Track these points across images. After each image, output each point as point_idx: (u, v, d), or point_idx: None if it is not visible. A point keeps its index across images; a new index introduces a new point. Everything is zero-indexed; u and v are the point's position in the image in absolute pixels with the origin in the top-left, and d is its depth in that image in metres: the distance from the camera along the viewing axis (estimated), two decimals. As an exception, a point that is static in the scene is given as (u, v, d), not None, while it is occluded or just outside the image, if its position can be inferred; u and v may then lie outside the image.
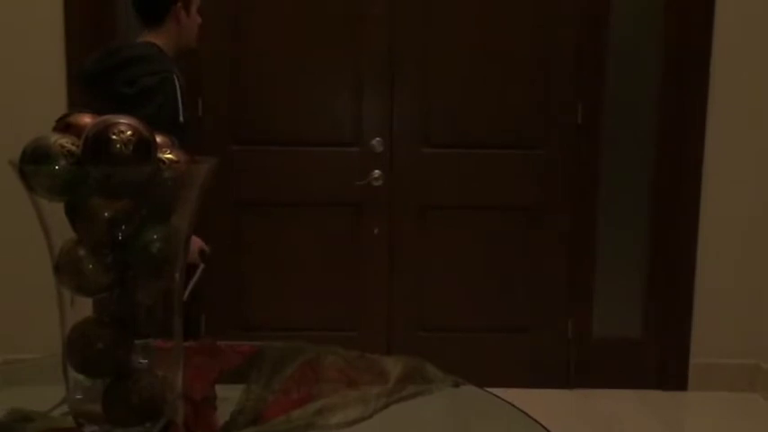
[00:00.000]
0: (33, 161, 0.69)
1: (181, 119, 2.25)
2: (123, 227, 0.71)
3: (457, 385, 0.84)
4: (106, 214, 0.69)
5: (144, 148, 0.68)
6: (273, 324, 3.19)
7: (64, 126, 0.73)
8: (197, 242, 2.41)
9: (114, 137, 0.66)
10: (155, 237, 0.71)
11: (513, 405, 0.97)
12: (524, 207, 3.25)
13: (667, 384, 3.23)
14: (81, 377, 0.74)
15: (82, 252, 0.70)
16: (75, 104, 2.66)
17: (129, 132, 0.67)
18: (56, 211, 0.70)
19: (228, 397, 0.85)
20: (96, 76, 2.35)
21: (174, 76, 2.26)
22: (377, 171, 3.14)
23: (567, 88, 3.16)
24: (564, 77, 3.16)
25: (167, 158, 0.73)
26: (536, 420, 0.93)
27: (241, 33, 3.12)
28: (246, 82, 3.14)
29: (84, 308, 0.73)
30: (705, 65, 3.08)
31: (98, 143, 0.67)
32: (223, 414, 0.82)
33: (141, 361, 0.76)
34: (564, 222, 3.23)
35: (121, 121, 0.68)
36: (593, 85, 3.16)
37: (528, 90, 3.17)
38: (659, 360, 3.25)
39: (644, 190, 3.24)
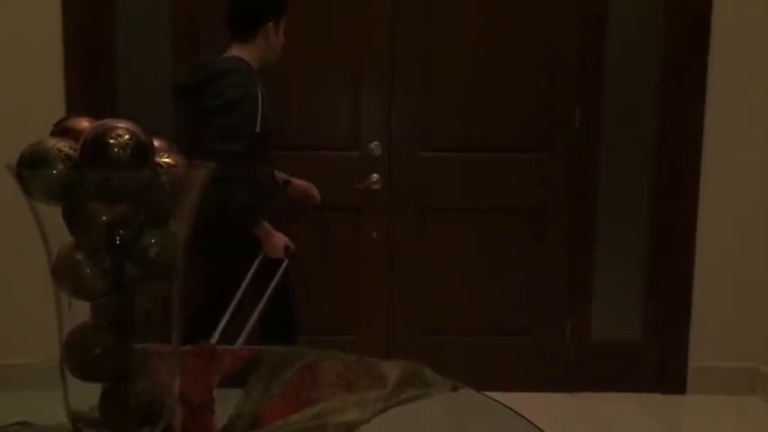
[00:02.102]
0: (31, 165, 0.69)
1: (257, 129, 2.40)
2: (121, 231, 0.71)
3: (455, 389, 0.84)
4: (104, 218, 0.69)
5: (142, 153, 0.68)
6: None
7: (62, 130, 0.73)
8: (282, 239, 2.51)
9: (112, 141, 0.66)
10: (152, 241, 0.71)
11: (512, 409, 0.96)
12: (523, 209, 3.25)
13: (666, 387, 3.23)
14: (79, 381, 0.74)
15: (80, 256, 0.70)
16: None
17: (126, 136, 0.67)
18: (53, 215, 0.70)
19: (227, 401, 0.85)
20: (187, 88, 2.49)
21: (258, 90, 2.41)
22: (375, 175, 3.14)
23: (567, 90, 3.17)
24: (564, 79, 3.17)
25: (165, 163, 0.73)
26: (534, 424, 0.93)
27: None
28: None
29: (82, 312, 0.73)
30: (703, 66, 3.09)
31: (96, 147, 0.67)
32: (221, 418, 0.82)
33: (139, 365, 0.76)
34: (563, 224, 3.24)
35: (119, 125, 0.68)
36: (592, 86, 3.17)
37: (529, 92, 3.18)
38: (658, 363, 3.25)
39: (643, 191, 3.24)
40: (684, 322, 3.21)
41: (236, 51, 2.53)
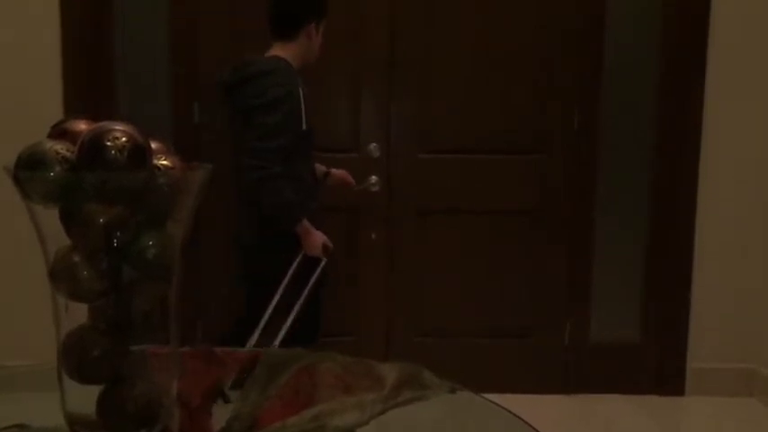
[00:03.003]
0: (28, 167, 0.68)
1: (304, 127, 2.45)
2: (119, 233, 0.70)
3: (453, 391, 0.84)
4: (101, 220, 0.69)
5: (139, 155, 0.68)
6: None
7: (59, 132, 0.73)
8: (320, 237, 2.55)
9: (109, 143, 0.66)
10: (150, 243, 0.71)
11: (510, 411, 0.96)
12: (522, 210, 3.26)
13: (665, 389, 3.23)
14: (76, 384, 0.74)
15: (77, 258, 0.70)
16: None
17: (123, 139, 0.67)
18: (51, 217, 0.69)
19: (224, 403, 0.85)
20: (230, 87, 2.53)
21: (300, 89, 2.45)
22: (374, 176, 3.14)
23: (566, 91, 3.17)
24: (563, 80, 3.17)
25: (162, 165, 0.72)
26: (533, 426, 0.92)
27: (239, 35, 3.12)
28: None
29: (80, 314, 0.73)
30: (702, 66, 3.10)
31: (93, 149, 0.67)
32: (219, 421, 0.82)
33: (137, 367, 0.76)
34: (562, 226, 3.24)
35: (116, 127, 0.67)
36: (591, 87, 3.18)
37: (528, 93, 3.18)
38: (657, 364, 3.26)
39: (642, 192, 3.25)
40: (683, 323, 3.21)
41: (278, 51, 2.56)
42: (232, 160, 2.53)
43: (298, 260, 2.46)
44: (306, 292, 2.35)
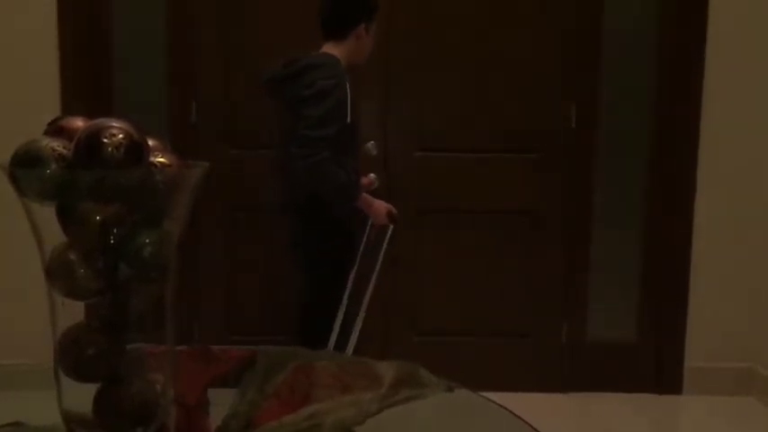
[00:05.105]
0: (24, 164, 0.68)
1: (348, 120, 2.48)
2: (115, 231, 0.70)
3: (450, 389, 0.84)
4: (98, 218, 0.69)
5: (136, 152, 0.68)
6: (267, 328, 3.18)
7: (56, 129, 0.72)
8: (384, 206, 2.62)
9: (106, 140, 0.66)
10: (147, 241, 0.71)
11: (507, 409, 0.96)
12: (520, 210, 3.26)
13: (662, 388, 3.24)
14: (73, 382, 0.73)
15: (73, 256, 0.69)
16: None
17: (120, 136, 0.66)
18: (47, 215, 0.69)
19: (221, 402, 0.85)
20: (281, 80, 2.58)
21: (347, 83, 2.49)
22: (372, 175, 3.14)
23: (563, 90, 3.18)
24: (560, 79, 3.18)
25: (159, 162, 0.72)
26: (530, 424, 0.92)
27: (237, 34, 3.12)
28: (241, 84, 3.14)
29: (76, 312, 0.73)
30: (700, 66, 3.10)
31: (89, 147, 0.67)
32: (216, 419, 0.82)
33: (134, 366, 0.76)
34: (559, 225, 3.24)
35: (113, 124, 0.67)
36: (588, 86, 3.18)
37: (525, 92, 3.19)
38: (654, 363, 3.26)
39: (640, 192, 3.25)
40: (680, 323, 3.21)
41: (328, 48, 2.60)
42: (282, 158, 2.53)
43: (367, 231, 2.54)
44: (379, 261, 2.41)
